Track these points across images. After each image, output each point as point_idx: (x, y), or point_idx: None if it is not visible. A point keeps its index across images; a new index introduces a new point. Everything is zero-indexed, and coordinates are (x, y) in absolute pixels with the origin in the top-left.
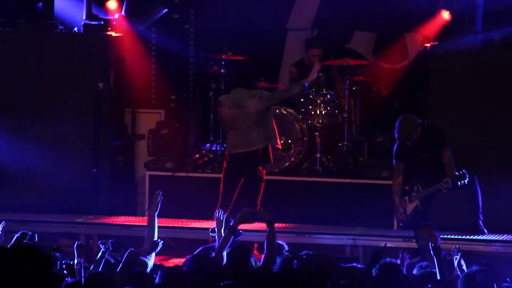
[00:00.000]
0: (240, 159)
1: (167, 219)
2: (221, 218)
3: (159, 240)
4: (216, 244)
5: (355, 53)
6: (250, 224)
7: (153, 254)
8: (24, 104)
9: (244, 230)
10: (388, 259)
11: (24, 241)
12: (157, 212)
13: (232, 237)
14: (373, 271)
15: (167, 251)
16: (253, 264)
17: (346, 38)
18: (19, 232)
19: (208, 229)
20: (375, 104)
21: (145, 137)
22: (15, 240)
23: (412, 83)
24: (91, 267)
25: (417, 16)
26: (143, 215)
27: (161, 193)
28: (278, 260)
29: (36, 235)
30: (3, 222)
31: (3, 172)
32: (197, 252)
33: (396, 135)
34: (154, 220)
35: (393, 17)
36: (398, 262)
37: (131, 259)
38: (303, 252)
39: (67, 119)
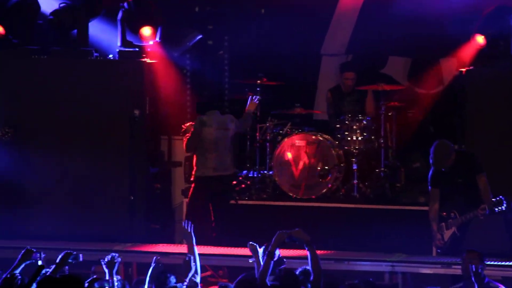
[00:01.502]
0: (218, 181)
1: (204, 246)
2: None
3: (188, 257)
4: (256, 271)
5: (390, 78)
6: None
7: (198, 277)
8: (60, 131)
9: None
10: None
11: (69, 260)
12: (194, 240)
13: (272, 262)
14: None
15: (205, 278)
16: None
17: (381, 63)
18: (63, 252)
19: (246, 256)
20: (411, 129)
21: (182, 164)
22: (59, 259)
23: (448, 108)
24: None
25: (452, 41)
26: (181, 242)
27: (189, 222)
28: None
29: (80, 255)
30: (43, 254)
31: (40, 199)
32: (241, 278)
33: (431, 161)
34: (193, 248)
35: (428, 42)
36: None
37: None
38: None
39: (103, 146)
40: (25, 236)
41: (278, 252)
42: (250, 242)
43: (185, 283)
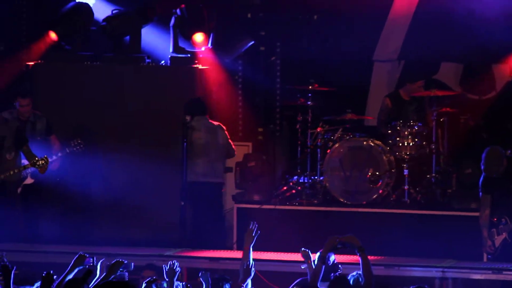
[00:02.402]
0: (207, 187)
1: (254, 251)
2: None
3: (250, 265)
4: (308, 277)
5: (443, 84)
6: None
7: (249, 281)
8: (111, 136)
9: None
10: None
11: (120, 269)
12: (253, 244)
13: (324, 266)
14: None
15: (256, 284)
16: None
17: (434, 69)
18: (114, 260)
19: (297, 261)
20: (463, 135)
21: (233, 169)
22: (110, 267)
23: (500, 114)
24: None
25: (505, 46)
26: (231, 248)
27: (256, 225)
28: None
29: (132, 263)
30: (102, 259)
31: (92, 205)
32: (297, 282)
33: (482, 167)
34: (249, 252)
35: (480, 48)
36: None
37: None
38: None
39: (154, 152)
40: (77, 242)
41: (333, 257)
42: (303, 248)
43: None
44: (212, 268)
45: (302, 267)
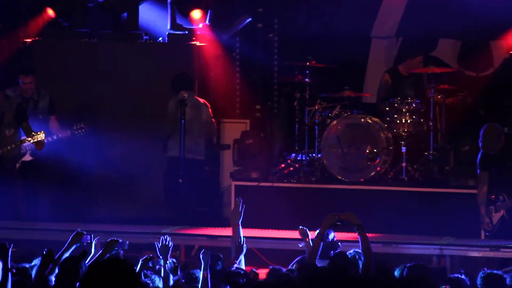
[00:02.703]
0: (190, 163)
1: (252, 229)
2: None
3: (242, 241)
4: (307, 255)
5: (440, 61)
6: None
7: (242, 258)
8: (109, 114)
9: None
10: (489, 270)
11: (115, 248)
12: (241, 220)
13: (322, 243)
14: (477, 282)
15: (253, 261)
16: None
17: (431, 46)
18: (109, 239)
19: (295, 239)
20: (461, 112)
21: (231, 147)
22: (105, 247)
23: (498, 91)
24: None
25: (502, 23)
26: (229, 225)
27: (242, 200)
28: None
29: (127, 242)
30: (97, 238)
31: (90, 183)
32: (297, 260)
33: (480, 144)
34: (238, 228)
35: (478, 24)
36: (500, 272)
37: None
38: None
39: (152, 129)
40: (74, 220)
41: (332, 235)
42: (301, 227)
43: (235, 265)
44: (210, 245)
45: (300, 246)
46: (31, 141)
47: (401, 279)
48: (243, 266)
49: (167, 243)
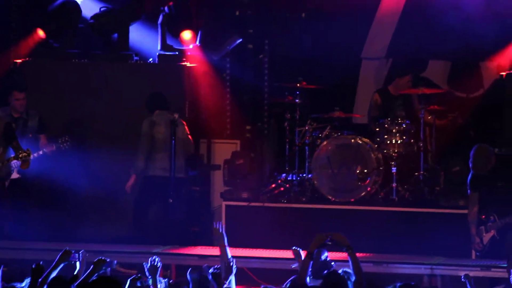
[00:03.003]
0: (165, 183)
1: (243, 248)
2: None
3: (230, 262)
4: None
5: (430, 82)
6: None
7: (233, 278)
8: (99, 135)
9: None
10: None
11: (103, 267)
12: (226, 240)
13: (311, 262)
14: None
15: (245, 281)
16: None
17: (421, 67)
18: (96, 259)
19: (286, 259)
20: (451, 133)
21: (221, 167)
22: (92, 267)
23: (488, 112)
24: None
25: (492, 44)
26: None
27: (220, 223)
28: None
29: (115, 261)
30: (81, 251)
31: (79, 202)
32: (291, 280)
33: (470, 165)
34: (225, 249)
35: (468, 45)
36: None
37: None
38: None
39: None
40: (63, 239)
41: (326, 255)
42: (294, 247)
43: (225, 285)
44: (200, 265)
45: (292, 266)
46: (18, 159)
47: None
48: (233, 286)
49: (155, 264)
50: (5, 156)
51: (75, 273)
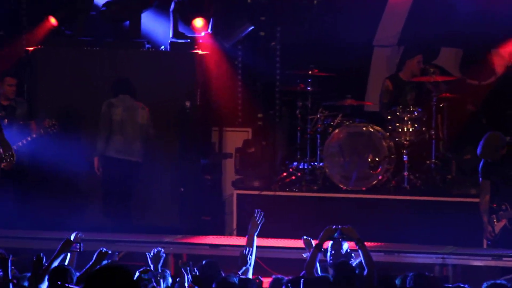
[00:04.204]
0: (120, 164)
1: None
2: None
3: (248, 253)
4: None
5: (442, 70)
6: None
7: (250, 269)
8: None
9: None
10: (498, 281)
11: (105, 260)
12: (257, 232)
13: (319, 254)
14: None
15: (256, 270)
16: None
17: (433, 54)
18: (98, 250)
19: (297, 248)
20: (463, 121)
21: (232, 155)
22: (94, 258)
23: (500, 100)
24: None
25: (504, 31)
26: (231, 234)
27: (262, 213)
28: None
29: (116, 253)
30: (82, 245)
31: (90, 190)
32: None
33: (478, 151)
34: (253, 240)
35: (480, 33)
36: (504, 282)
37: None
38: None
39: (153, 137)
40: (74, 228)
41: (346, 245)
42: (305, 237)
43: (238, 276)
44: (212, 254)
45: (304, 255)
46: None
47: None
48: (250, 274)
49: (159, 254)
50: None
51: (66, 263)
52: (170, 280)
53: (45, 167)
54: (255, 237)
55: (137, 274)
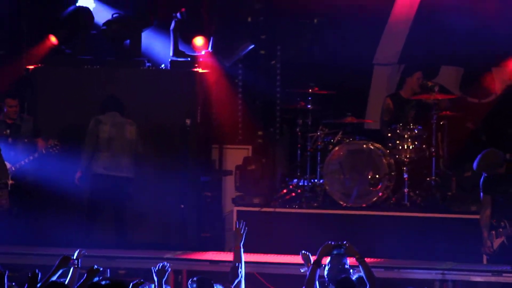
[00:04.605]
0: (108, 180)
1: (254, 254)
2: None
3: (238, 266)
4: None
5: (442, 88)
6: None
7: (243, 281)
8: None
9: None
10: None
11: (95, 278)
12: (242, 243)
13: (318, 270)
14: None
15: (256, 286)
16: None
17: (433, 72)
18: (89, 267)
19: (297, 264)
20: (463, 139)
21: (233, 173)
22: (85, 276)
23: (500, 118)
24: None
25: (504, 50)
26: (231, 250)
27: (244, 223)
28: None
29: (108, 270)
30: (80, 261)
31: (93, 208)
32: None
33: (474, 165)
34: (239, 251)
35: (480, 51)
36: None
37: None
38: None
39: (155, 155)
40: (72, 244)
41: (348, 261)
42: (303, 251)
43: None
44: (211, 270)
45: (302, 270)
46: None
47: None
48: None
49: (165, 269)
50: None
51: (66, 282)
52: None
53: (46, 184)
54: (241, 247)
55: (130, 286)
